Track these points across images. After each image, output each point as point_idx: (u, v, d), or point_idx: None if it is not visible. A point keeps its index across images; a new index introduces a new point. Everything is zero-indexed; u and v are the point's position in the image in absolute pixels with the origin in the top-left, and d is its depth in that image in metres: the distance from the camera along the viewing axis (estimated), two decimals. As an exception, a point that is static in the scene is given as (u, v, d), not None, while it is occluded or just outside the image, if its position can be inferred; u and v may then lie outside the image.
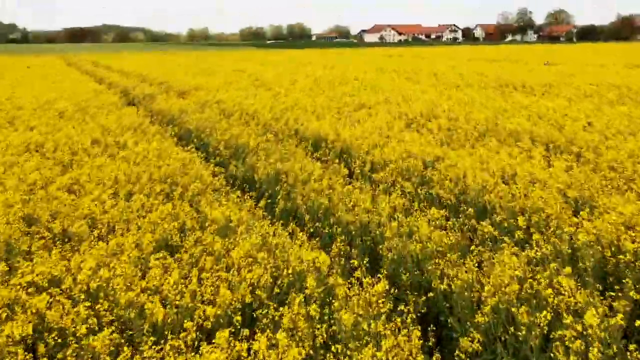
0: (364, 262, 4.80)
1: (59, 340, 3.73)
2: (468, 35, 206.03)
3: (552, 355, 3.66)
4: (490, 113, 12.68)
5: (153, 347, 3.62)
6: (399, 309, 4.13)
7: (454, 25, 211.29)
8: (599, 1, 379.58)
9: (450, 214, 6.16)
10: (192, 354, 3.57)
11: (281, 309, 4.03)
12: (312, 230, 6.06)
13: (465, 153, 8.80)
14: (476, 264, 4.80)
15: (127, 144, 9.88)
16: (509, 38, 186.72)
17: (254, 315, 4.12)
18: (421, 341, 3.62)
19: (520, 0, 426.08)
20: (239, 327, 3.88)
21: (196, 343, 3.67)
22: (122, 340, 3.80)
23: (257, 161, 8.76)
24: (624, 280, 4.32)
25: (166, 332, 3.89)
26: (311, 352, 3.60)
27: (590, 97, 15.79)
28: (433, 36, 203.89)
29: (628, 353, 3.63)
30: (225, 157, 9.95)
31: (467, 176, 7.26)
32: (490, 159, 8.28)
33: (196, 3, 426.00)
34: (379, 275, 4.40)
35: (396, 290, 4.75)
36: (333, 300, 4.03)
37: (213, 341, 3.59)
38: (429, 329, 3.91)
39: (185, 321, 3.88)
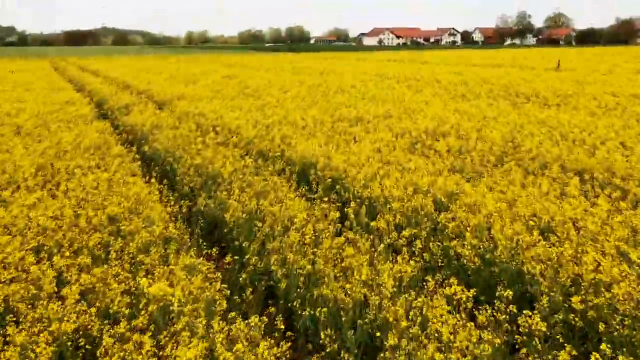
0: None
1: None
2: (467, 39, 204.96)
3: None
4: (505, 130, 11.08)
5: None
6: None
7: (453, 28, 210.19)
8: (597, 5, 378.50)
9: (477, 289, 4.50)
10: None
11: None
12: (290, 310, 4.42)
13: (484, 186, 7.18)
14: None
15: (77, 171, 8.23)
16: (508, 42, 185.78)
17: None
18: None
19: (518, 3, 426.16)
20: None
21: None
22: None
23: (229, 197, 7.12)
24: None
25: None
26: None
27: (614, 110, 14.20)
28: (432, 40, 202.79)
29: None
30: (195, 187, 8.31)
31: (493, 225, 5.63)
32: (517, 196, 6.66)
33: (196, 6, 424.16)
34: None
35: None
36: None
37: None
38: None
39: None
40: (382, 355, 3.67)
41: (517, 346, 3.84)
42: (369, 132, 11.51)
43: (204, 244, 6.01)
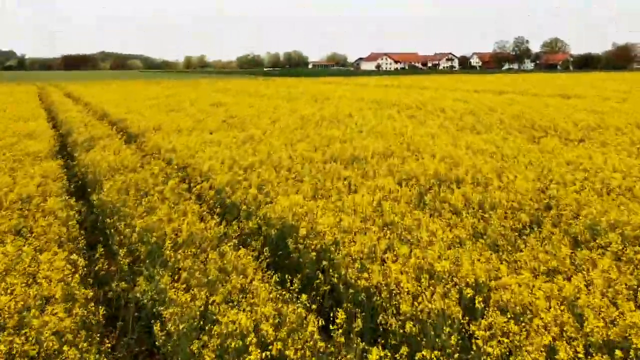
0: None
1: None
2: (465, 64, 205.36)
3: None
4: (531, 175, 9.17)
5: None
6: None
7: (451, 53, 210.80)
8: (593, 30, 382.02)
9: None
10: None
11: None
12: None
13: (526, 271, 5.20)
14: None
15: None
16: (506, 66, 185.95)
17: None
18: None
19: (513, 29, 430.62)
20: None
21: None
22: None
23: (174, 284, 5.13)
24: None
25: None
26: None
27: (649, 145, 12.32)
28: (429, 64, 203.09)
29: None
30: (141, 256, 6.33)
31: (558, 355, 3.64)
32: (577, 289, 4.67)
33: (196, 31, 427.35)
34: None
35: None
36: None
37: None
38: None
39: None
40: None
41: None
42: (366, 177, 9.58)
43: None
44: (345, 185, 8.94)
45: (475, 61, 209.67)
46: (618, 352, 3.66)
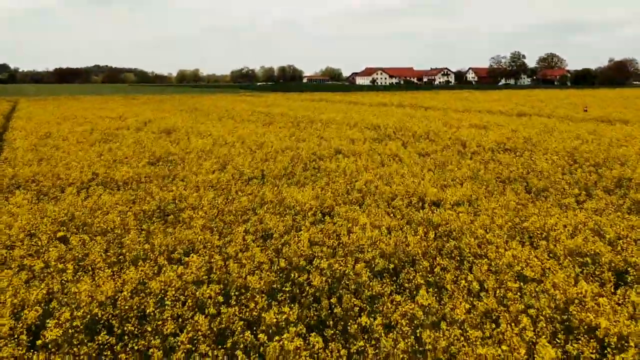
0: None
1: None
2: (461, 79, 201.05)
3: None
4: None
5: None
6: None
7: (447, 68, 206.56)
8: (587, 46, 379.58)
9: None
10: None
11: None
12: None
13: None
14: None
15: None
16: (503, 81, 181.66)
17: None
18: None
19: (508, 45, 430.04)
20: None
21: None
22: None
23: None
24: None
25: None
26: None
27: None
28: (425, 79, 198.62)
29: None
30: None
31: None
32: None
33: (191, 46, 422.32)
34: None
35: None
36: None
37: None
38: None
39: None
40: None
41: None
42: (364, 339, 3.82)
43: None
44: None
45: (471, 76, 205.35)
46: None
